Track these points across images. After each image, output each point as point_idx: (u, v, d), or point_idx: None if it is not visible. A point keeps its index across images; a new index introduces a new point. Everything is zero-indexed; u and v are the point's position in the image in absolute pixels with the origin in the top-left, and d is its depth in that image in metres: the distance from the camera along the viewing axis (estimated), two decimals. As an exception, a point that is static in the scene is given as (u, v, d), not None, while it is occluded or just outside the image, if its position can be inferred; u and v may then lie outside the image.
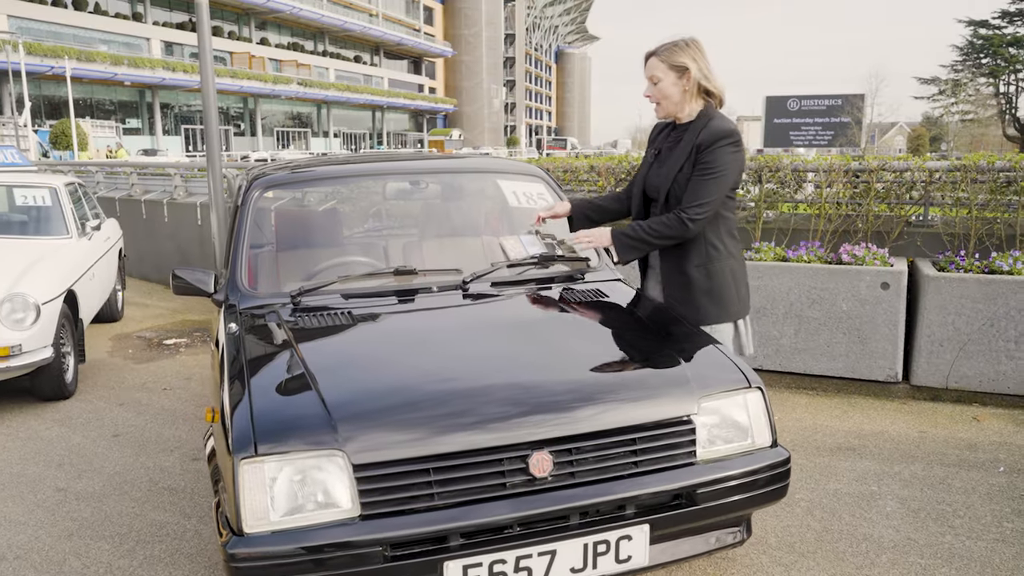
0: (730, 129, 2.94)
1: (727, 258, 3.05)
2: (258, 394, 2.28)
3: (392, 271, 3.04)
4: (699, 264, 3.02)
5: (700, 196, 2.89)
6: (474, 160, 3.87)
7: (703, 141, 2.92)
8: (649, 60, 3.00)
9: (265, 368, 2.47)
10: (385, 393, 2.30)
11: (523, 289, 3.08)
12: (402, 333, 2.70)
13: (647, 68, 3.01)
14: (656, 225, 2.93)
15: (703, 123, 2.97)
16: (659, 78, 2.97)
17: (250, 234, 3.20)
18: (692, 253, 3.02)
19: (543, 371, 2.49)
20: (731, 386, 2.51)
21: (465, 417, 2.21)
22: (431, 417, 2.20)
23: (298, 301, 2.88)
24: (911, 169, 5.35)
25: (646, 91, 3.02)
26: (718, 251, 3.03)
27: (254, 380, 2.36)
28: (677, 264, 3.05)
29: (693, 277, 3.02)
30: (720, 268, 3.04)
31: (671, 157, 3.02)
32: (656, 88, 2.99)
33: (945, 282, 4.78)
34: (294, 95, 58.99)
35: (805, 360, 5.16)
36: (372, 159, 3.78)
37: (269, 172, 3.51)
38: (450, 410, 2.23)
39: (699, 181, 2.90)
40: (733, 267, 3.08)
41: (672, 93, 2.98)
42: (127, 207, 10.18)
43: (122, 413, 5.07)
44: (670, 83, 2.98)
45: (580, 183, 6.52)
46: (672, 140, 3.07)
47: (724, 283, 3.05)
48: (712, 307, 3.04)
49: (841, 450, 4.17)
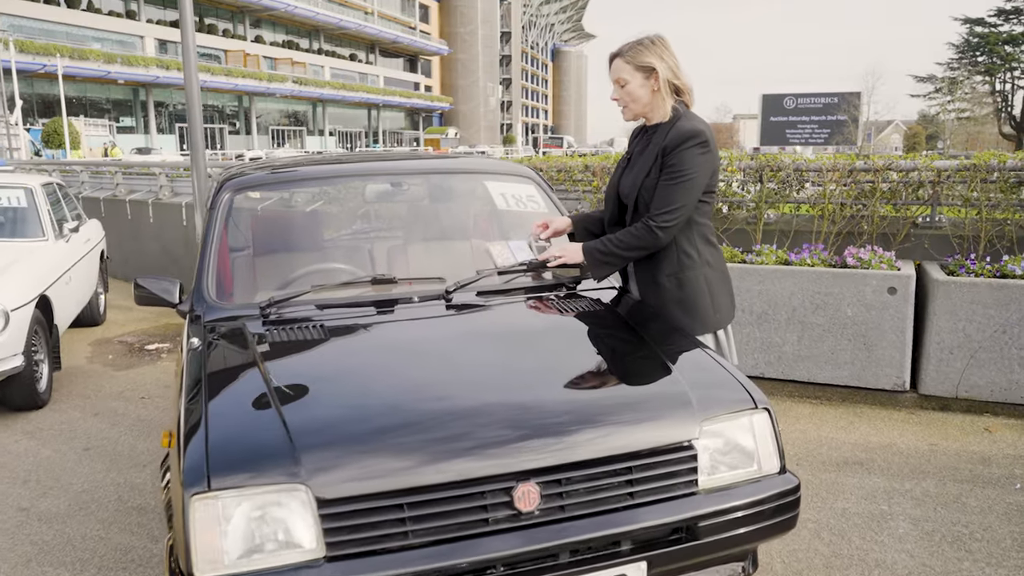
0: (696, 129, 2.74)
1: (701, 267, 2.85)
2: (215, 420, 2.07)
3: (370, 280, 2.82)
4: (671, 273, 2.83)
5: (668, 202, 2.70)
6: (460, 160, 3.64)
7: (668, 143, 2.73)
8: (614, 62, 2.82)
9: (226, 389, 2.26)
10: (355, 419, 2.08)
11: (511, 299, 2.87)
12: (378, 349, 2.48)
13: (612, 70, 2.83)
14: (625, 237, 2.76)
15: (670, 125, 2.79)
16: (625, 80, 2.79)
17: (219, 240, 2.98)
18: (664, 262, 2.83)
19: (530, 391, 2.28)
20: (736, 407, 2.30)
21: (443, 445, 2.00)
22: (405, 445, 1.99)
23: (268, 313, 2.66)
24: (918, 169, 5.15)
25: (613, 94, 2.85)
26: (691, 259, 2.83)
27: (212, 404, 2.15)
28: (650, 273, 2.87)
29: (665, 287, 2.83)
30: (694, 277, 2.83)
31: (639, 161, 2.84)
32: (623, 91, 2.81)
33: (955, 287, 4.58)
34: (289, 93, 58.70)
35: (808, 368, 4.95)
36: (352, 159, 3.55)
37: (242, 173, 3.29)
38: (427, 438, 2.02)
39: (666, 186, 2.71)
40: (708, 276, 2.87)
41: (640, 95, 2.80)
42: (112, 207, 9.94)
43: (96, 424, 4.85)
44: (637, 84, 2.79)
45: (574, 183, 6.32)
46: (642, 143, 2.89)
47: (698, 293, 2.84)
48: (685, 318, 2.84)
49: (848, 465, 3.96)
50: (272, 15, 58.49)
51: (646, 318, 2.84)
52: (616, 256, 2.79)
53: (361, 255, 3.17)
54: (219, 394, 2.22)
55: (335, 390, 2.22)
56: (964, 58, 66.02)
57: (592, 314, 2.78)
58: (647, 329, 2.73)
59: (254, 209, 3.27)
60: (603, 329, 2.75)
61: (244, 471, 1.90)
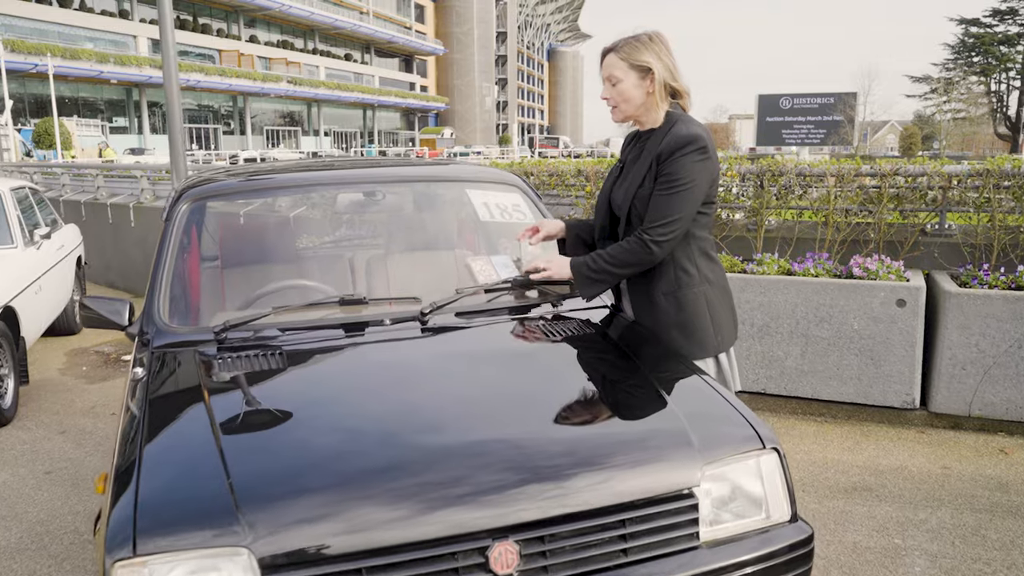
0: (694, 134, 2.48)
1: (700, 284, 2.59)
2: (149, 469, 1.81)
3: (337, 300, 2.56)
4: (667, 292, 2.57)
5: (664, 214, 2.45)
6: (440, 167, 3.37)
7: (664, 150, 2.48)
8: (607, 57, 2.55)
9: (165, 431, 2.00)
10: (309, 469, 1.82)
11: (492, 320, 2.61)
12: (342, 383, 2.22)
13: (604, 66, 2.56)
14: (617, 252, 2.51)
15: (665, 130, 2.53)
16: (618, 78, 2.52)
17: (175, 255, 2.72)
18: (660, 279, 2.57)
19: (508, 431, 2.02)
20: (741, 447, 2.04)
21: (409, 500, 1.74)
22: (366, 499, 1.74)
23: (223, 338, 2.40)
24: (927, 174, 4.90)
25: (603, 93, 2.58)
26: (689, 276, 2.58)
27: (148, 449, 1.89)
28: (645, 292, 2.61)
29: (661, 306, 2.58)
30: (693, 296, 2.58)
31: (633, 170, 2.59)
32: (615, 90, 2.54)
33: (968, 299, 4.33)
34: (284, 93, 58.37)
35: (812, 384, 4.70)
36: (323, 167, 3.28)
37: (203, 181, 3.02)
38: (391, 490, 1.76)
39: (661, 197, 2.46)
40: (708, 294, 2.62)
41: (633, 96, 2.54)
42: (93, 211, 9.67)
43: (60, 444, 4.59)
44: (631, 84, 2.53)
45: (567, 188, 6.06)
46: (636, 150, 2.63)
47: (698, 313, 2.59)
48: (684, 341, 2.58)
49: (857, 491, 3.71)
50: (267, 15, 58.15)
51: (639, 342, 2.58)
52: (607, 273, 2.53)
53: (330, 272, 2.90)
54: (157, 436, 1.96)
55: (289, 433, 1.96)
56: (960, 59, 66.20)
57: (580, 339, 2.52)
58: (641, 355, 2.48)
59: (215, 221, 3.01)
60: (592, 356, 2.49)
61: (176, 531, 1.64)
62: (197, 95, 53.21)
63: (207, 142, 54.38)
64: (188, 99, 52.85)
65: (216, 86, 51.72)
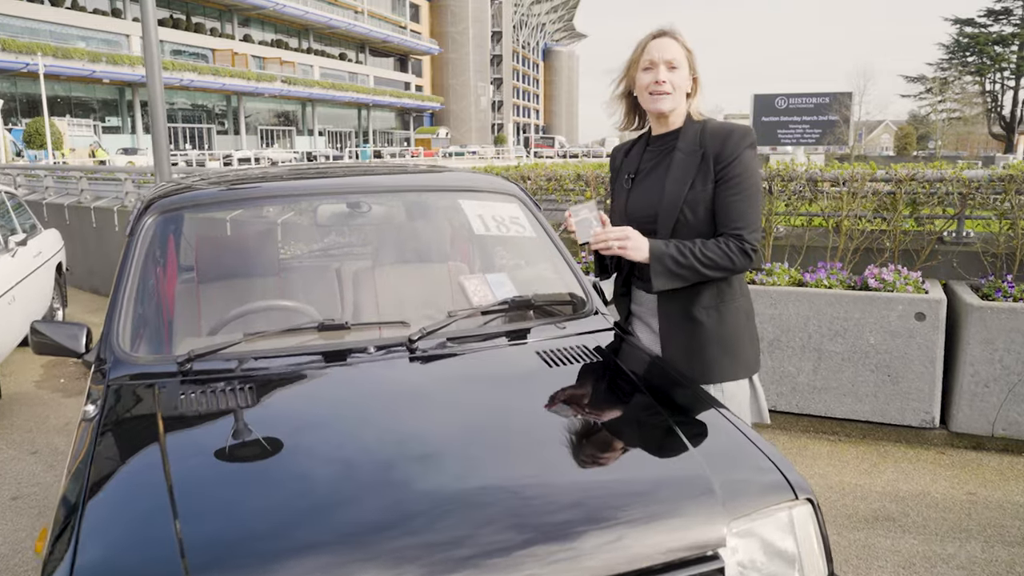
0: (743, 126, 2.39)
1: (739, 297, 2.44)
2: (89, 531, 1.56)
3: (316, 326, 2.30)
4: (709, 306, 2.37)
5: (752, 218, 2.27)
6: (432, 175, 3.10)
7: (720, 149, 2.29)
8: (662, 39, 2.31)
9: (112, 483, 1.74)
10: (275, 531, 1.57)
11: (489, 345, 2.35)
12: (320, 424, 1.96)
13: (661, 49, 2.30)
14: (712, 253, 2.25)
15: (696, 127, 2.35)
16: (679, 63, 2.30)
17: (138, 274, 2.46)
18: (702, 292, 2.37)
19: (510, 479, 1.77)
20: (772, 499, 1.79)
21: (395, 568, 1.49)
22: (335, 566, 1.48)
23: (188, 369, 2.14)
24: (945, 179, 4.66)
25: (659, 76, 2.29)
26: (731, 287, 2.41)
27: (91, 505, 1.64)
28: (682, 307, 2.38)
29: (703, 323, 2.37)
30: (734, 309, 2.41)
31: (665, 175, 2.36)
32: (675, 75, 2.31)
33: (991, 312, 4.09)
34: (278, 93, 58.01)
35: (826, 401, 4.46)
36: (305, 175, 3.01)
37: (172, 192, 2.76)
38: (373, 556, 1.51)
39: (740, 199, 2.26)
40: (746, 308, 2.47)
41: (684, 86, 2.35)
42: (77, 215, 9.39)
43: (30, 466, 4.33)
44: (685, 74, 2.34)
45: (565, 192, 5.81)
46: (655, 154, 2.40)
47: (738, 328, 2.41)
48: (726, 359, 2.39)
49: (879, 520, 3.47)
50: (261, 14, 57.78)
51: (651, 371, 2.34)
52: (692, 271, 2.26)
53: (310, 293, 2.64)
54: (102, 490, 1.70)
55: (257, 489, 1.70)
56: (954, 58, 66.35)
57: (586, 369, 2.26)
58: (653, 386, 2.23)
59: (184, 236, 2.75)
60: (600, 389, 2.24)
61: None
62: (191, 94, 52.86)
63: (201, 142, 54.01)
64: (182, 99, 52.52)
65: (210, 85, 51.36)
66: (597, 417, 2.10)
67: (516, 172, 5.90)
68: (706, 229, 2.33)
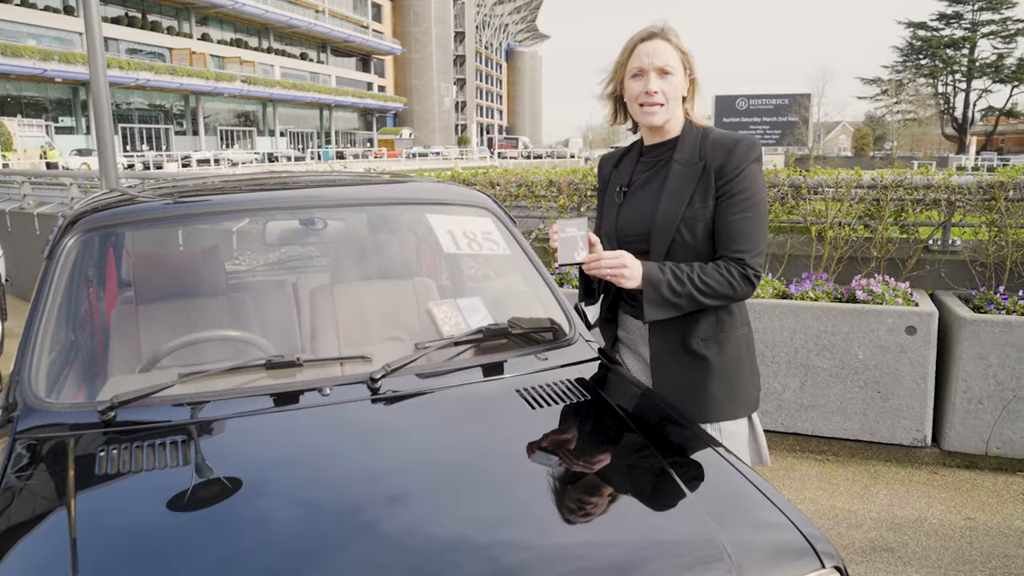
0: (750, 137, 2.09)
1: (740, 325, 2.20)
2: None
3: (264, 363, 2.00)
4: (708, 337, 2.12)
5: (756, 240, 2.03)
6: (397, 186, 2.80)
7: (724, 161, 2.03)
8: (652, 42, 2.04)
9: (8, 563, 1.43)
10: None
11: (461, 381, 2.07)
12: (259, 485, 1.66)
13: (653, 53, 2.03)
14: (712, 280, 2.00)
15: (695, 136, 2.10)
16: (674, 68, 2.03)
17: (56, 304, 2.14)
18: (700, 321, 2.12)
19: (491, 548, 1.50)
20: (795, 568, 1.55)
21: None
22: None
23: (111, 418, 1.83)
24: (933, 186, 4.48)
25: (650, 86, 2.03)
26: (732, 316, 2.16)
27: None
28: (678, 337, 2.13)
29: (702, 356, 2.12)
30: (735, 340, 2.17)
31: (660, 189, 2.10)
32: (667, 82, 2.04)
33: (985, 326, 3.91)
34: (238, 93, 57.00)
35: (813, 419, 4.25)
36: (254, 186, 2.67)
37: (99, 208, 2.42)
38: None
39: (745, 219, 2.02)
40: (747, 337, 2.23)
41: (679, 93, 2.09)
42: (19, 221, 8.90)
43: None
44: (680, 79, 2.08)
45: (536, 199, 5.54)
46: (649, 166, 2.15)
47: (740, 361, 2.18)
48: (726, 397, 2.15)
49: (876, 551, 3.26)
50: (219, 12, 56.73)
51: (644, 409, 2.08)
52: (689, 300, 2.00)
53: (259, 321, 2.33)
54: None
55: (179, 569, 1.40)
56: (908, 61, 67.79)
57: (572, 408, 1.99)
58: (649, 427, 1.97)
59: (112, 260, 2.43)
60: (588, 431, 1.97)
61: None
62: (148, 94, 51.71)
63: (159, 143, 52.87)
64: (139, 99, 51.38)
65: (167, 85, 50.27)
66: (588, 469, 1.83)
67: (484, 178, 5.62)
68: (705, 250, 2.08)
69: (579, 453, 1.87)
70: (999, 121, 65.10)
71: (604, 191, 2.28)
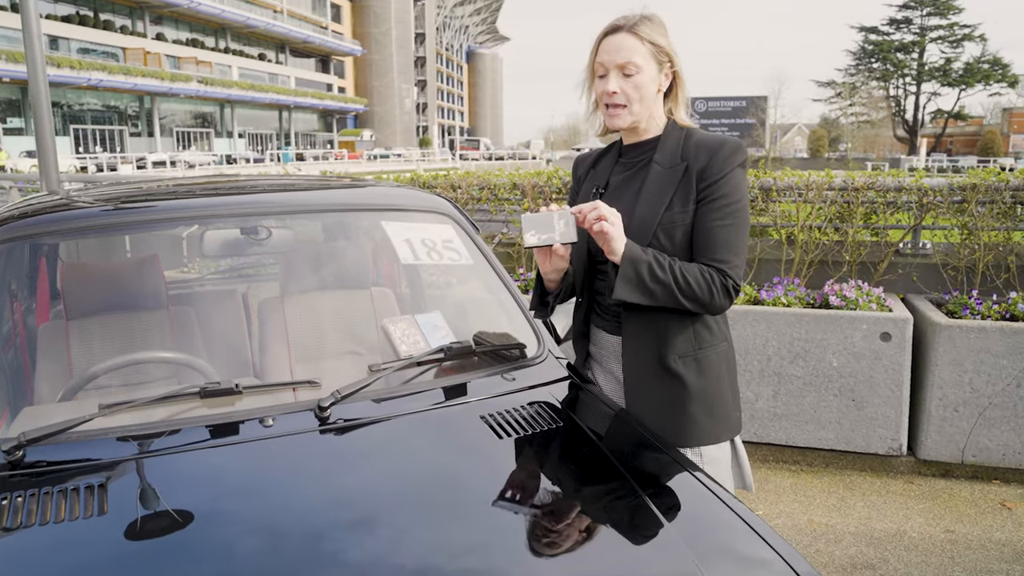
0: (734, 140, 1.95)
1: (720, 342, 2.03)
2: None
3: (197, 391, 1.79)
4: (686, 353, 1.96)
5: (737, 250, 1.87)
6: (350, 192, 2.58)
7: (707, 164, 1.88)
8: (617, 37, 1.88)
9: None
10: None
11: (421, 406, 1.88)
12: (192, 530, 1.45)
13: (615, 50, 1.88)
14: (692, 278, 1.83)
15: (678, 137, 1.93)
16: (638, 67, 1.86)
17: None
18: (675, 337, 1.96)
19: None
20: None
21: None
22: None
23: (18, 459, 1.61)
24: (904, 188, 4.39)
25: (610, 87, 1.87)
26: (711, 332, 2.00)
27: None
28: (653, 354, 1.96)
29: (679, 376, 1.96)
30: (715, 358, 2.01)
31: (638, 192, 1.93)
32: (630, 83, 1.88)
33: (960, 332, 3.82)
34: (195, 94, 55.93)
35: (786, 428, 4.13)
36: (198, 191, 2.45)
37: (26, 213, 2.20)
38: None
39: (726, 227, 1.86)
40: (728, 354, 2.06)
41: (649, 92, 1.93)
42: (-43, 227, 8.49)
43: None
44: (650, 77, 1.89)
45: (499, 202, 5.37)
46: (627, 167, 1.98)
47: (720, 380, 2.02)
48: (706, 419, 1.99)
49: (857, 568, 3.13)
50: (175, 12, 55.63)
51: (618, 433, 1.91)
52: (666, 291, 1.83)
53: (198, 341, 2.12)
54: None
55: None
56: (861, 64, 69.19)
57: (543, 434, 1.81)
58: (623, 453, 1.80)
59: (34, 273, 2.20)
60: (558, 458, 1.79)
61: None
62: (101, 95, 50.52)
63: (113, 144, 51.68)
64: (91, 99, 50.19)
65: (121, 86, 49.13)
66: (559, 501, 1.66)
67: (446, 181, 5.42)
68: (684, 258, 1.92)
69: (549, 484, 1.70)
70: (947, 123, 66.67)
71: (577, 192, 2.12)
